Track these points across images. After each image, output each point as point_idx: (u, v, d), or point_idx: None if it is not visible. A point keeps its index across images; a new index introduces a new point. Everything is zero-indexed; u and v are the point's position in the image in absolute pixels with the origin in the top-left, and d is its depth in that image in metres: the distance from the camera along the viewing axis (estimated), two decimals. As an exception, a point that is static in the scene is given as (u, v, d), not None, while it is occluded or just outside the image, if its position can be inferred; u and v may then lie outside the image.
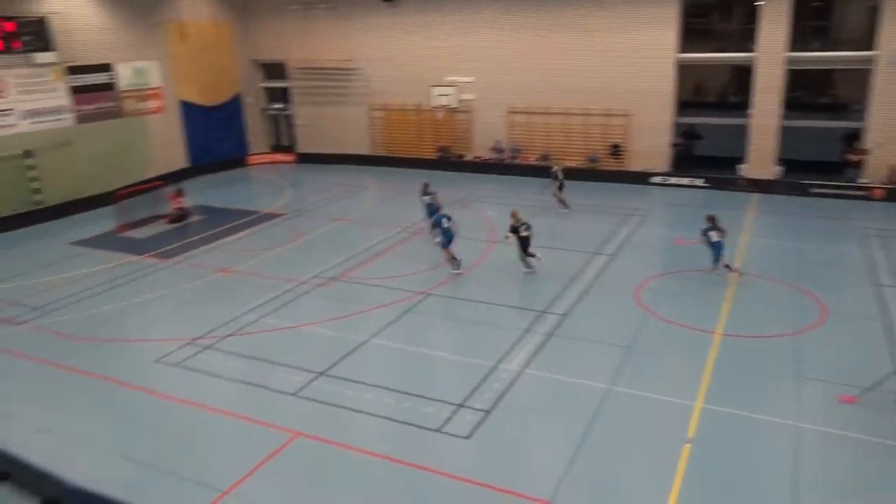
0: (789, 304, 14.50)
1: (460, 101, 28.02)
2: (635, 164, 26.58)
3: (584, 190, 24.97)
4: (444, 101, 28.17)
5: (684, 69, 25.74)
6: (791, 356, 12.19)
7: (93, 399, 11.65)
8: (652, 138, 26.04)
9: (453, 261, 16.86)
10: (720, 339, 12.94)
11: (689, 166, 26.45)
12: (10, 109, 22.58)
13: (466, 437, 10.08)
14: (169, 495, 8.94)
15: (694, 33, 25.49)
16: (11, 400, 11.66)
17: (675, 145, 26.07)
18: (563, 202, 22.24)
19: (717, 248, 15.67)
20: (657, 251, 18.24)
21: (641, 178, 25.98)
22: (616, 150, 26.81)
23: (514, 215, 16.56)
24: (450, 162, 29.36)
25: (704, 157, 27.74)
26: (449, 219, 16.98)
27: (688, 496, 8.70)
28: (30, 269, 18.17)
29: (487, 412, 10.70)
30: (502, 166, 28.12)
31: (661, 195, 24.57)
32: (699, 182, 25.22)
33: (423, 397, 11.18)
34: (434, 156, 29.90)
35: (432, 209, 19.15)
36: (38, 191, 23.28)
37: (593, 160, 26.82)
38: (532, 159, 27.99)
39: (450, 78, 28.15)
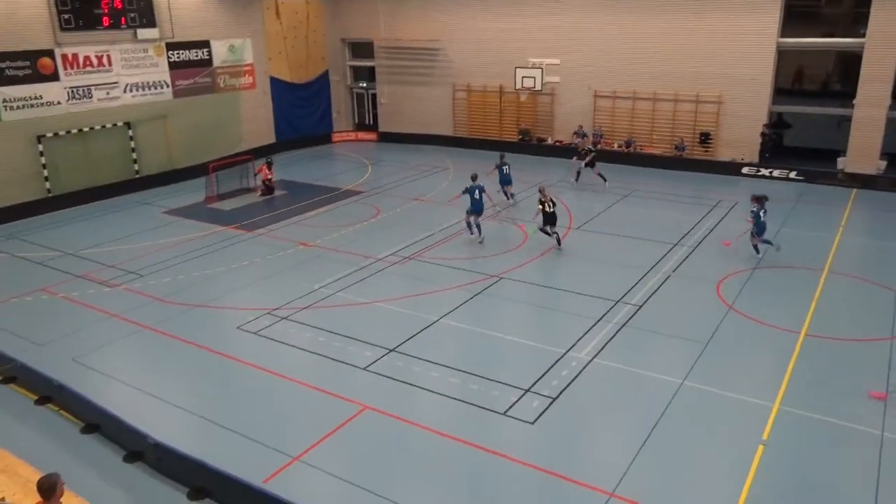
0: (882, 307, 13.63)
1: (544, 84, 27.59)
2: (724, 154, 25.52)
3: (668, 178, 24.24)
4: (528, 83, 27.81)
5: (784, 55, 24.42)
6: (880, 362, 11.49)
7: (177, 360, 12.28)
8: (744, 127, 24.90)
9: (469, 227, 17.83)
10: (804, 339, 12.34)
11: (781, 157, 25.17)
12: (114, 83, 23.88)
13: (531, 423, 10.05)
14: (242, 457, 9.32)
15: (798, 16, 24.08)
16: (104, 357, 12.44)
17: (762, 134, 24.83)
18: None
19: (762, 227, 16.12)
20: (743, 245, 17.47)
21: (730, 168, 24.92)
22: (705, 139, 25.80)
23: (541, 191, 17.19)
24: (530, 145, 29.04)
25: (799, 148, 26.33)
26: (483, 190, 17.86)
27: (758, 500, 8.39)
28: (125, 235, 19.26)
29: (554, 399, 10.62)
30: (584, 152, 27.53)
31: (750, 187, 23.41)
32: (793, 175, 23.95)
33: (490, 380, 11.21)
34: (515, 138, 29.65)
35: (506, 178, 21.06)
36: (135, 161, 24.58)
37: (680, 148, 25.92)
38: (615, 145, 27.33)
39: (535, 60, 27.74)
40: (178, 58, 25.81)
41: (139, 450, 9.48)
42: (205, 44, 26.69)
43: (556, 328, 13.09)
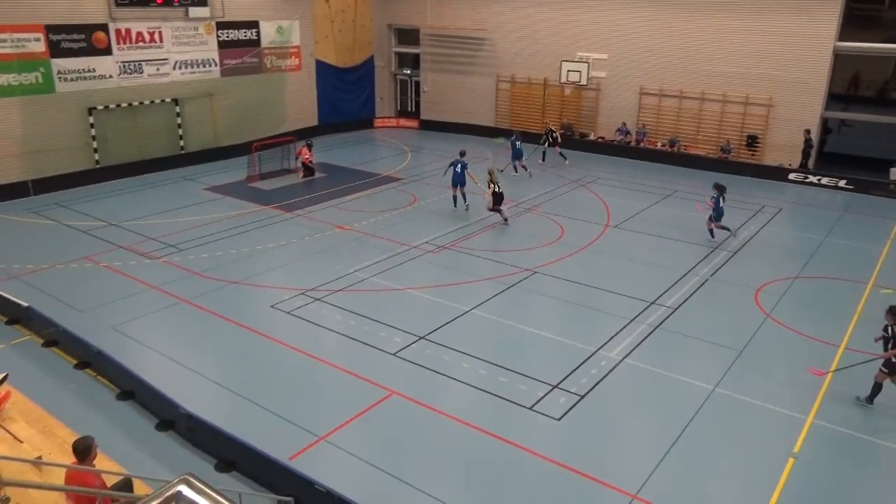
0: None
1: (590, 79, 27.26)
2: (771, 159, 24.93)
3: (711, 181, 23.69)
4: (573, 77, 27.51)
5: (841, 59, 23.69)
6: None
7: (211, 334, 12.52)
8: (793, 132, 24.25)
9: (455, 199, 19.59)
10: (843, 353, 12.03)
11: (833, 164, 24.48)
12: (164, 59, 24.32)
13: (557, 419, 10.01)
14: (270, 433, 9.48)
15: (857, 20, 23.31)
16: (142, 327, 12.75)
17: (806, 141, 24.13)
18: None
19: (720, 213, 17.32)
20: (786, 252, 17.10)
21: (777, 173, 24.31)
22: (752, 142, 25.24)
23: (490, 173, 18.47)
24: (572, 140, 28.75)
25: (852, 156, 25.57)
26: (465, 167, 19.33)
27: (786, 513, 8.24)
28: (168, 209, 19.66)
29: (582, 397, 10.56)
30: (627, 149, 27.21)
31: (796, 193, 22.94)
32: (842, 183, 23.26)
33: (519, 373, 11.18)
34: (557, 133, 29.34)
35: (517, 152, 23.72)
36: (181, 137, 25.03)
37: (725, 150, 25.40)
38: (658, 144, 26.92)
39: (582, 54, 27.40)
40: (227, 37, 26.15)
41: (171, 419, 9.72)
42: (254, 24, 26.99)
43: (588, 326, 12.99)
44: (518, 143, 23.70)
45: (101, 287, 14.32)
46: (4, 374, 8.43)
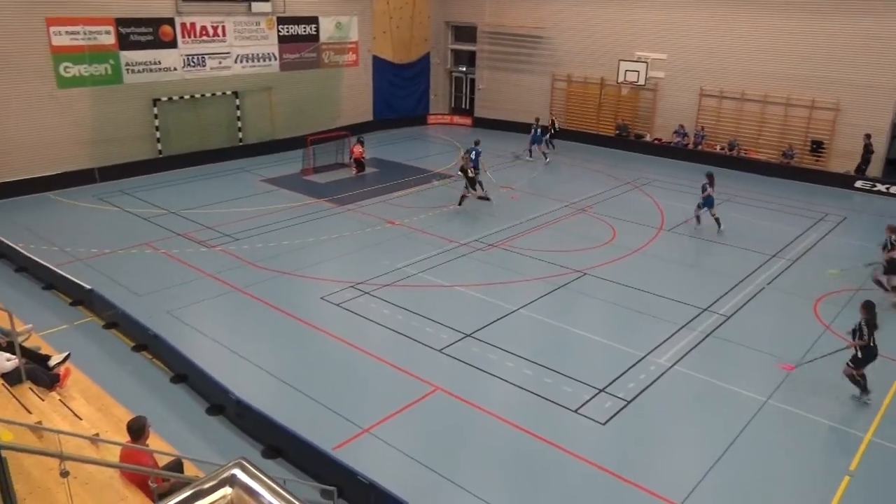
0: None
1: (648, 79, 26.76)
2: (837, 165, 24.02)
3: (772, 186, 23.08)
4: (630, 77, 27.04)
5: (915, 63, 22.64)
6: None
7: (262, 323, 12.79)
8: (861, 138, 23.30)
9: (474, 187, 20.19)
10: (908, 370, 11.52)
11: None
12: (227, 53, 24.92)
13: (602, 424, 9.88)
14: (315, 422, 9.64)
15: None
16: (196, 312, 13.11)
17: (866, 146, 23.13)
18: (544, 154, 25.69)
19: (710, 201, 18.00)
20: (848, 262, 16.45)
21: (843, 180, 23.41)
22: (817, 147, 24.37)
23: (462, 158, 19.98)
24: (627, 141, 28.30)
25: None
26: (479, 154, 20.16)
27: (838, 533, 7.95)
28: (225, 199, 20.16)
29: (628, 402, 10.40)
30: (684, 152, 26.62)
31: (863, 202, 22.04)
32: (914, 193, 22.27)
33: (564, 375, 11.08)
34: (612, 133, 28.97)
35: (536, 138, 25.89)
36: (240, 129, 25.63)
37: (788, 155, 24.60)
38: (717, 147, 26.24)
39: (641, 53, 26.92)
40: (287, 32, 26.62)
41: (221, 404, 9.97)
42: (313, 20, 27.41)
43: (637, 330, 12.77)
44: (539, 130, 25.93)
45: (159, 273, 14.79)
46: (67, 354, 8.79)
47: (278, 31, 26.29)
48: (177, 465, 7.13)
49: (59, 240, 16.45)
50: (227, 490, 2.55)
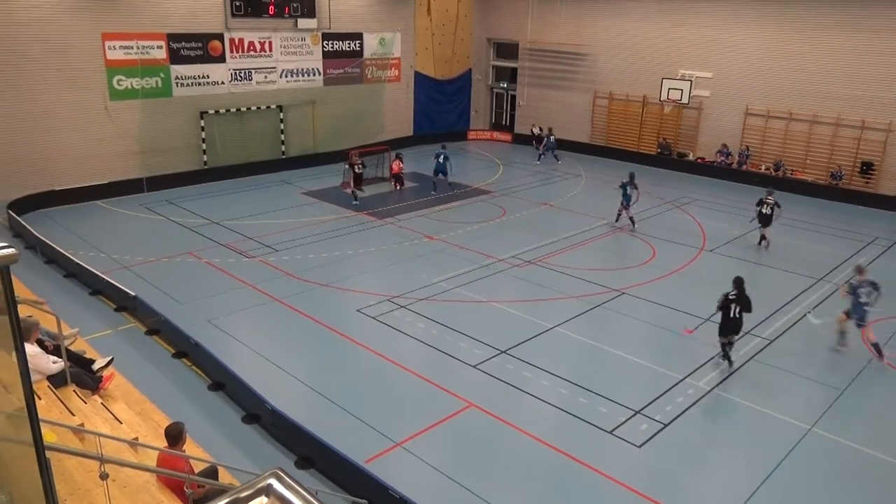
0: None
1: (691, 97, 26.45)
2: (888, 188, 23.33)
3: (819, 208, 22.52)
4: (674, 95, 26.77)
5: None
6: None
7: (299, 334, 12.93)
8: (915, 160, 22.62)
9: (434, 185, 22.37)
10: (961, 402, 11.05)
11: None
12: (273, 67, 25.47)
13: (637, 446, 9.70)
14: (348, 434, 9.67)
15: None
16: (235, 322, 13.32)
17: None
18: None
19: (628, 199, 19.01)
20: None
21: (893, 203, 22.73)
22: (867, 169, 23.71)
23: (350, 156, 21.84)
24: (669, 160, 27.96)
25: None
26: (447, 158, 22.18)
27: (885, 570, 7.63)
28: (266, 211, 20.52)
29: (665, 425, 10.19)
30: (727, 172, 26.17)
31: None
32: (969, 217, 21.47)
33: (600, 395, 10.92)
34: (653, 151, 28.67)
35: (550, 145, 28.16)
36: (282, 142, 26.10)
37: (836, 176, 23.98)
38: (762, 167, 25.73)
39: (685, 72, 26.66)
40: (332, 48, 27.10)
41: (257, 413, 10.09)
42: (357, 36, 27.86)
43: (676, 352, 12.53)
44: (553, 138, 28.19)
45: (201, 281, 15.09)
46: (110, 358, 9.01)
47: (323, 46, 26.79)
48: (212, 472, 7.22)
49: (107, 247, 16.93)
50: (263, 499, 2.58)
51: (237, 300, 14.21)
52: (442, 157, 22.35)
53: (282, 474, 2.55)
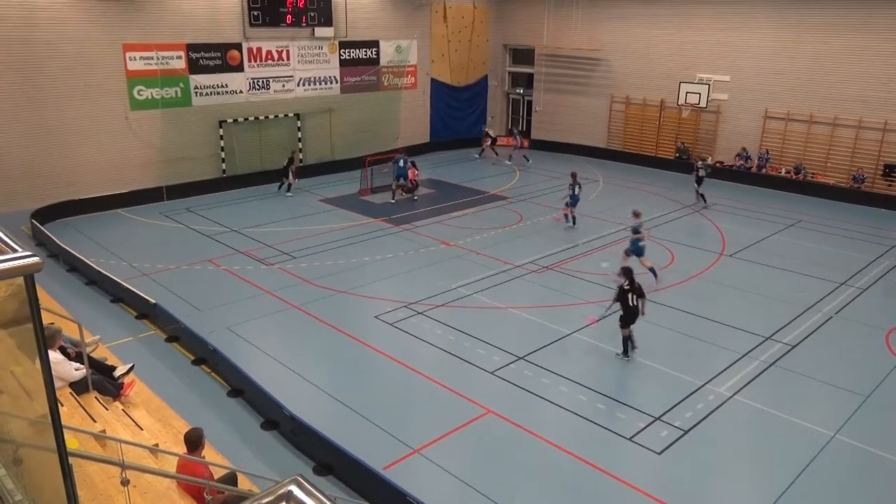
0: None
1: (710, 101, 26.26)
2: (911, 190, 22.99)
3: (841, 211, 22.23)
4: (692, 99, 26.59)
5: None
6: None
7: (317, 341, 12.98)
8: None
9: (393, 193, 22.59)
10: None
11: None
12: (290, 76, 25.68)
13: (657, 453, 9.61)
14: (366, 440, 9.68)
15: None
16: (254, 328, 13.41)
17: None
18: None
19: (576, 200, 19.63)
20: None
21: (917, 206, 22.40)
22: (890, 171, 23.37)
23: (291, 154, 23.09)
24: (688, 164, 27.71)
25: None
26: (406, 162, 22.41)
27: (912, 580, 7.48)
28: (284, 218, 20.66)
29: (685, 432, 10.09)
30: (747, 175, 25.93)
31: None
32: None
33: (619, 402, 10.85)
34: (671, 156, 28.48)
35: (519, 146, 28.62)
36: (300, 150, 26.28)
37: (858, 179, 23.67)
38: (782, 171, 25.46)
39: (702, 75, 26.48)
40: (349, 56, 27.27)
41: (276, 419, 10.13)
42: (374, 43, 28.01)
43: (696, 358, 12.41)
44: (519, 137, 28.99)
45: (220, 289, 15.21)
46: (131, 365, 9.10)
47: (340, 54, 26.96)
48: (231, 478, 7.26)
49: (128, 255, 17.14)
50: (283, 505, 2.59)
51: (256, 307, 14.30)
52: (402, 161, 22.47)
53: (302, 481, 2.55)
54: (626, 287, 12.04)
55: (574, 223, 19.84)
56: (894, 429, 10.33)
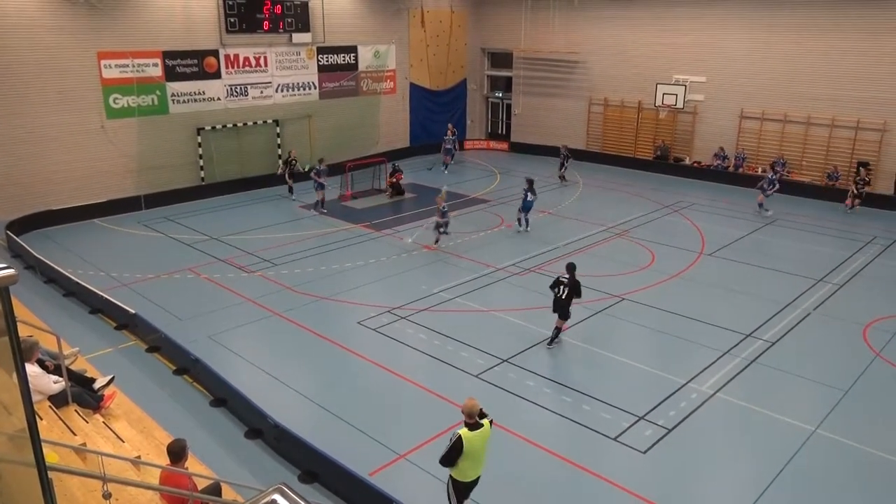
0: None
1: (686, 102, 26.55)
2: (884, 187, 23.39)
3: (818, 209, 22.57)
4: (669, 100, 26.87)
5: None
6: None
7: (300, 348, 12.90)
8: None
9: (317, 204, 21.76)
10: (966, 400, 11.03)
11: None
12: (268, 82, 25.56)
13: (642, 452, 9.67)
14: (351, 447, 9.63)
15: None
16: (236, 337, 13.30)
17: None
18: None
19: (528, 205, 19.39)
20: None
21: (891, 202, 22.78)
22: (863, 166, 23.75)
23: (291, 153, 22.56)
24: (666, 164, 28.02)
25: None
26: (318, 173, 21.21)
27: (894, 571, 7.59)
28: (264, 225, 20.52)
29: (669, 430, 10.16)
30: (724, 175, 26.24)
31: (913, 225, 21.38)
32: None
33: (603, 402, 10.90)
34: (650, 156, 28.75)
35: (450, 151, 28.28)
36: (279, 156, 26.14)
37: (833, 177, 24.03)
38: (759, 170, 25.79)
39: (679, 76, 26.77)
40: (327, 61, 27.21)
41: (259, 428, 10.05)
42: (352, 49, 27.98)
43: (678, 356, 12.51)
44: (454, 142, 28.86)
45: (201, 297, 15.07)
46: (111, 377, 8.98)
47: (318, 60, 26.89)
48: (215, 489, 7.18)
49: (106, 265, 16.93)
50: (267, 514, 2.57)
51: (237, 315, 14.18)
52: (316, 172, 21.48)
53: (286, 489, 2.54)
54: (563, 279, 12.47)
55: (527, 226, 19.70)
56: (874, 422, 10.48)
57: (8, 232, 18.31)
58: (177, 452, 6.84)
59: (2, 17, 19.23)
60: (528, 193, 19.33)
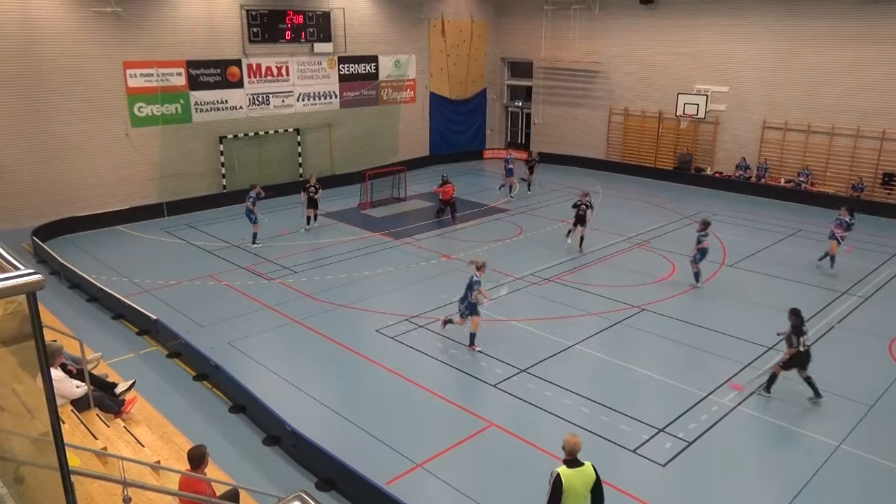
0: None
1: (708, 111, 26.36)
2: (911, 198, 23.02)
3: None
4: (690, 110, 26.69)
5: None
6: None
7: (319, 355, 12.94)
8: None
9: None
10: None
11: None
12: (290, 91, 25.81)
13: (662, 465, 9.55)
14: (369, 455, 9.63)
15: None
16: (256, 344, 13.37)
17: None
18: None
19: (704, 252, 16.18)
20: (925, 301, 15.64)
21: (917, 214, 22.42)
22: (888, 180, 23.42)
23: (310, 180, 20.97)
24: (687, 175, 27.81)
25: None
26: (255, 199, 18.92)
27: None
28: (285, 233, 20.64)
29: (689, 443, 10.04)
30: (746, 185, 25.99)
31: (940, 237, 20.99)
32: None
33: (623, 414, 10.80)
34: (671, 167, 28.55)
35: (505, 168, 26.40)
36: (300, 164, 26.34)
37: (857, 188, 23.70)
38: (781, 181, 25.51)
39: (701, 86, 26.59)
40: (348, 71, 27.42)
41: (277, 435, 10.08)
42: (373, 58, 28.17)
43: (699, 368, 12.37)
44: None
45: (222, 304, 15.19)
46: (132, 381, 9.07)
47: (339, 70, 27.11)
48: (233, 495, 7.21)
49: (129, 271, 17.14)
50: (289, 521, 2.58)
51: (257, 322, 14.27)
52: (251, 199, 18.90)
53: (306, 497, 2.54)
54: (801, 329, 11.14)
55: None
56: (899, 438, 10.27)
57: (34, 238, 18.61)
58: (197, 458, 6.88)
59: (32, 27, 19.65)
60: (702, 238, 16.04)
